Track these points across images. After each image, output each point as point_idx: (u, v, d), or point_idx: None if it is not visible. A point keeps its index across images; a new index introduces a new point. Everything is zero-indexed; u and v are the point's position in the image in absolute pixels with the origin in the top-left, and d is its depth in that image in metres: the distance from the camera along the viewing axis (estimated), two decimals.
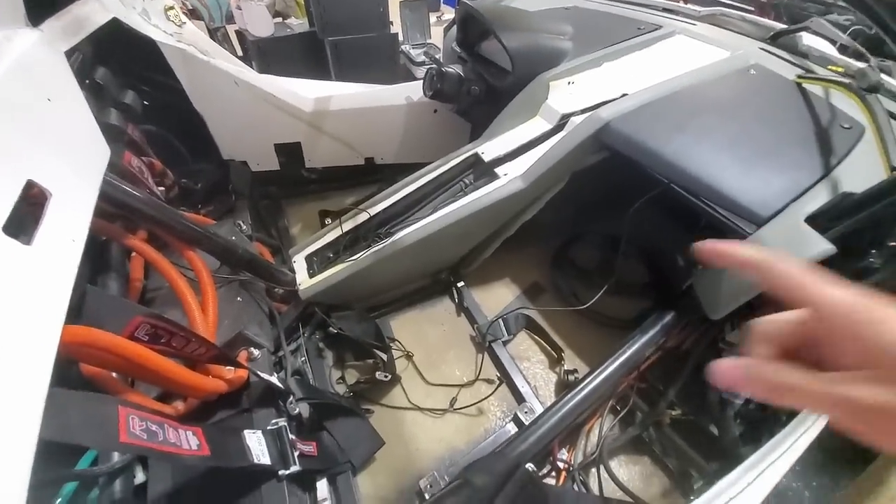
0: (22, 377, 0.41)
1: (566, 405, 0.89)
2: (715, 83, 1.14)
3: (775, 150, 0.94)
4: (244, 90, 1.41)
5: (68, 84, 0.74)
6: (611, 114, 1.09)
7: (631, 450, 1.07)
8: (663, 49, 1.37)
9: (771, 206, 0.84)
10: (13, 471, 0.35)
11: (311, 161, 1.67)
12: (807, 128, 0.96)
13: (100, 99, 1.04)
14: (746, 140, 0.98)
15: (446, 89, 1.41)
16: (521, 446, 0.82)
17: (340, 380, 1.17)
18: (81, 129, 0.72)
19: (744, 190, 0.88)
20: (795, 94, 1.05)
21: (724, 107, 1.09)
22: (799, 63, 1.17)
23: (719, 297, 0.91)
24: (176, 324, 0.73)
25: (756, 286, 0.85)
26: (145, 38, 1.19)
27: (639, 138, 1.03)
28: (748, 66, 1.17)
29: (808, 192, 0.84)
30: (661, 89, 1.14)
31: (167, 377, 0.71)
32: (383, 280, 1.27)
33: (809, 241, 0.76)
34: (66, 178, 0.62)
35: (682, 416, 1.04)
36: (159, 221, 0.89)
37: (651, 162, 1.00)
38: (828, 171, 0.86)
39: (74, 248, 0.58)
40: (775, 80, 1.11)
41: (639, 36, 1.41)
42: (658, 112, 1.09)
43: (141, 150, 1.17)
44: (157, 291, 1.07)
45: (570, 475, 0.97)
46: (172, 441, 0.61)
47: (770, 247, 0.83)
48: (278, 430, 0.84)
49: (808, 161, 0.89)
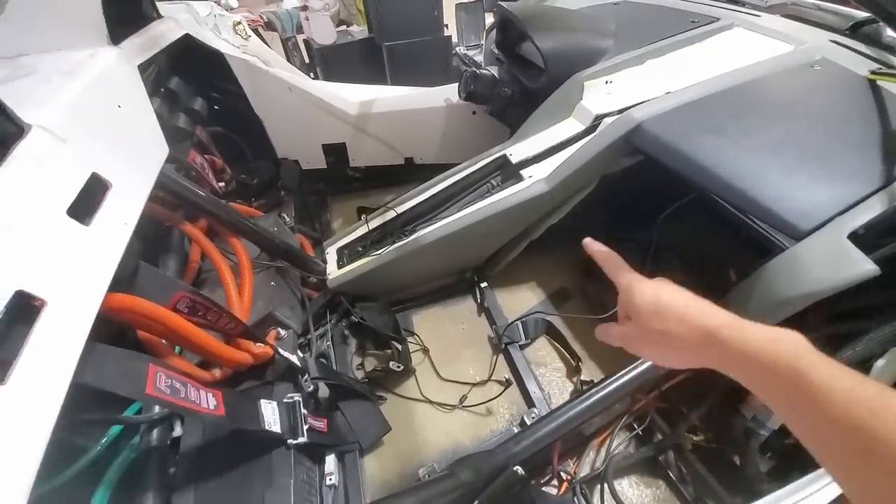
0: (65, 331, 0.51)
1: (566, 413, 0.86)
2: (769, 80, 1.04)
3: (829, 155, 0.84)
4: (297, 95, 1.55)
5: (137, 93, 0.89)
6: (644, 114, 1.03)
7: (646, 471, 1.02)
8: (717, 44, 1.26)
9: (813, 218, 0.75)
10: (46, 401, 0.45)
11: (354, 160, 1.78)
12: (871, 131, 0.84)
13: (172, 104, 1.22)
14: (796, 144, 0.88)
15: (479, 91, 1.42)
16: (513, 448, 0.82)
17: (360, 366, 1.24)
18: (144, 131, 0.85)
19: (783, 200, 0.80)
20: (865, 92, 0.92)
21: (775, 106, 0.98)
22: (878, 57, 1.02)
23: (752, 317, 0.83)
24: (211, 300, 0.84)
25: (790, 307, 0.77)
26: (214, 50, 1.37)
27: (671, 141, 0.96)
28: (813, 61, 1.04)
29: (861, 205, 0.74)
30: (706, 88, 1.06)
31: (199, 345, 0.82)
32: (406, 275, 1.32)
33: (850, 259, 0.68)
34: (126, 171, 0.75)
35: (704, 443, 0.96)
36: (207, 211, 1.02)
37: (684, 167, 0.94)
38: (888, 181, 0.75)
39: (126, 229, 0.69)
40: (843, 76, 0.98)
41: (690, 30, 1.31)
42: (698, 112, 1.01)
43: (206, 149, 1.34)
44: (210, 273, 1.22)
45: (571, 487, 0.94)
46: (193, 399, 0.71)
47: (808, 264, 0.74)
48: (293, 403, 0.93)
49: (865, 168, 0.78)
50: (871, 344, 0.73)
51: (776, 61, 1.08)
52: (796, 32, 1.18)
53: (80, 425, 0.76)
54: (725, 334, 0.39)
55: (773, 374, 0.34)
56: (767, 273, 0.81)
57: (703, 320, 0.41)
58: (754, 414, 0.83)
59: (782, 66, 1.05)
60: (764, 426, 0.82)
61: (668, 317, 0.43)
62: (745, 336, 0.38)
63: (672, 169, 0.96)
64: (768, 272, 0.81)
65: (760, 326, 0.39)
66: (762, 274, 0.81)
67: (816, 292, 0.71)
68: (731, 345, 0.38)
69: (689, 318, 0.42)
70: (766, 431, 0.82)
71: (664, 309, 0.44)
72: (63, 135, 0.67)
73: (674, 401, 1.04)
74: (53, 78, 0.73)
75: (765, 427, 0.82)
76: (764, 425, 0.82)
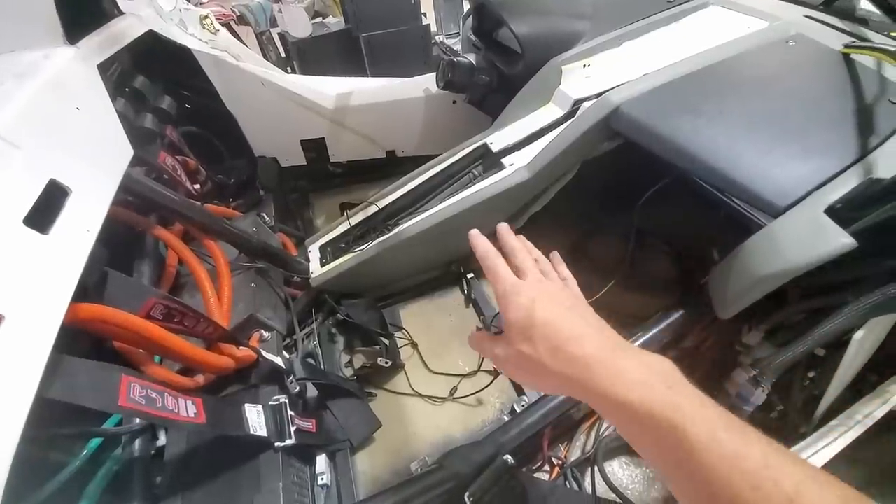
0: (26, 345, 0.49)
1: (551, 401, 0.87)
2: (744, 58, 1.03)
3: (805, 131, 0.84)
4: (271, 90, 1.50)
5: (97, 94, 0.85)
6: (622, 97, 1.02)
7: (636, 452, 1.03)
8: (693, 23, 1.25)
9: (790, 194, 0.76)
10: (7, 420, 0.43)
11: (335, 155, 1.75)
12: (846, 105, 0.84)
13: (139, 105, 1.17)
14: (772, 121, 0.88)
15: (457, 79, 1.40)
16: (501, 437, 0.82)
17: (349, 363, 1.23)
18: (105, 133, 0.82)
19: (761, 177, 0.80)
20: (839, 67, 0.92)
21: (751, 84, 0.98)
22: (853, 31, 1.02)
23: (728, 296, 0.84)
24: (186, 305, 0.82)
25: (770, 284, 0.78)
26: (181, 46, 1.32)
27: (649, 123, 0.96)
28: (787, 37, 1.04)
29: (838, 179, 0.74)
30: (682, 68, 1.05)
31: (177, 352, 0.80)
32: (391, 270, 1.31)
33: (827, 234, 0.68)
34: (87, 176, 0.72)
35: None
36: (180, 213, 0.99)
37: (662, 148, 0.94)
38: (864, 154, 0.75)
39: (88, 236, 0.67)
40: (817, 51, 0.98)
41: (667, 9, 1.30)
42: (675, 93, 1.00)
43: (178, 150, 1.30)
44: (189, 277, 1.19)
45: (562, 471, 0.95)
46: (170, 408, 0.69)
47: (786, 240, 0.74)
48: (279, 405, 0.91)
49: (841, 143, 0.78)
50: (849, 317, 0.74)
51: (751, 38, 1.07)
52: (771, 9, 1.18)
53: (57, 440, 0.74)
54: (595, 372, 0.34)
55: (648, 428, 0.31)
56: (747, 251, 0.81)
57: (573, 349, 0.36)
58: (738, 391, 0.84)
59: (758, 44, 1.05)
60: (748, 402, 0.83)
61: (537, 338, 0.37)
62: (617, 377, 0.33)
63: (651, 151, 0.96)
64: (747, 250, 0.81)
65: (633, 360, 0.34)
66: (742, 252, 0.82)
67: (795, 268, 0.71)
68: (601, 386, 0.34)
69: (560, 344, 0.36)
70: (750, 407, 0.83)
71: (535, 329, 0.38)
72: (16, 140, 0.64)
73: None
74: (5, 81, 0.69)
75: (749, 403, 0.83)
76: (748, 401, 0.83)
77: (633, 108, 1.00)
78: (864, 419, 0.81)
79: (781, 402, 0.90)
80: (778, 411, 0.92)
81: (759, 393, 0.83)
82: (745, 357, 0.89)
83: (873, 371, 0.90)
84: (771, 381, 0.82)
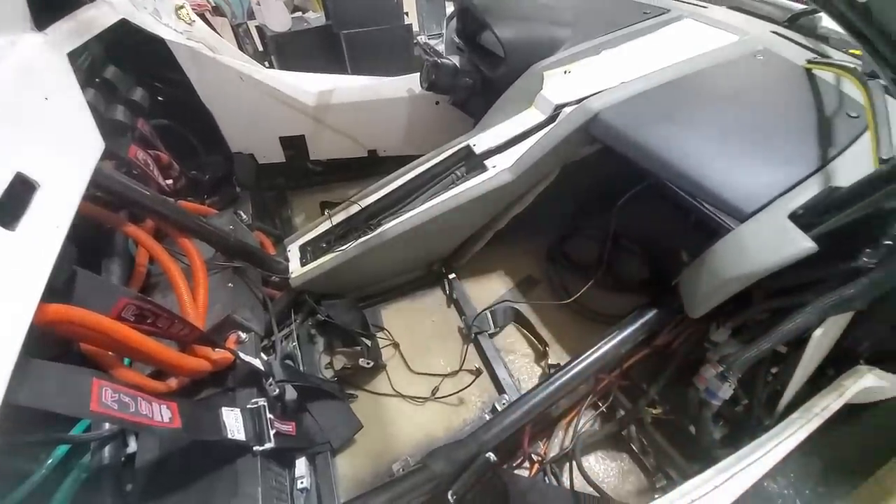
0: None
1: (531, 399, 0.89)
2: (716, 70, 1.08)
3: (770, 141, 0.89)
4: (249, 85, 1.47)
5: (67, 83, 0.81)
6: (601, 104, 1.06)
7: (611, 446, 1.06)
8: (668, 34, 1.31)
9: (755, 200, 0.80)
10: None
11: (315, 153, 1.72)
12: (808, 117, 0.90)
13: (109, 96, 1.12)
14: (740, 131, 0.93)
15: (441, 80, 1.41)
16: (483, 436, 0.83)
17: (329, 365, 1.21)
18: (76, 125, 0.78)
19: (728, 184, 0.84)
20: (802, 81, 0.99)
21: (721, 95, 1.03)
22: (814, 47, 1.09)
23: (698, 296, 0.88)
24: (160, 306, 0.79)
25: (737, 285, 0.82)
26: (155, 36, 1.27)
27: (626, 130, 0.99)
28: (755, 52, 1.10)
29: (800, 186, 0.79)
30: (658, 77, 1.10)
31: (149, 354, 0.77)
32: (373, 270, 1.30)
33: (791, 238, 0.72)
34: (56, 170, 0.68)
35: (663, 416, 1.01)
36: (153, 210, 0.95)
37: (638, 155, 0.97)
38: (824, 164, 0.80)
39: (58, 233, 0.63)
40: (783, 65, 1.04)
41: (643, 21, 1.35)
42: (650, 102, 1.05)
43: (149, 144, 1.25)
44: (160, 276, 1.14)
45: (542, 467, 0.97)
46: (144, 413, 0.67)
47: (752, 244, 0.79)
48: (257, 409, 0.89)
49: (803, 153, 0.84)
50: (809, 316, 0.79)
51: (722, 52, 1.13)
52: (741, 24, 1.24)
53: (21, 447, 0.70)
54: None
55: None
56: (715, 253, 0.85)
57: None
58: (706, 386, 0.88)
59: (728, 57, 1.11)
60: (716, 396, 0.87)
61: None
62: None
63: (627, 157, 0.99)
64: (716, 252, 0.85)
65: None
66: (710, 254, 0.86)
67: (761, 270, 0.76)
68: None
69: None
70: (718, 401, 0.87)
71: None
72: None
73: (634, 378, 1.09)
74: None
75: (716, 397, 0.87)
76: (716, 395, 0.87)
77: (611, 116, 1.03)
78: (822, 412, 0.87)
79: (747, 396, 0.95)
80: (743, 405, 0.97)
81: (726, 387, 0.87)
82: (713, 354, 0.94)
83: (830, 366, 0.96)
84: (737, 376, 0.86)
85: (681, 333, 1.08)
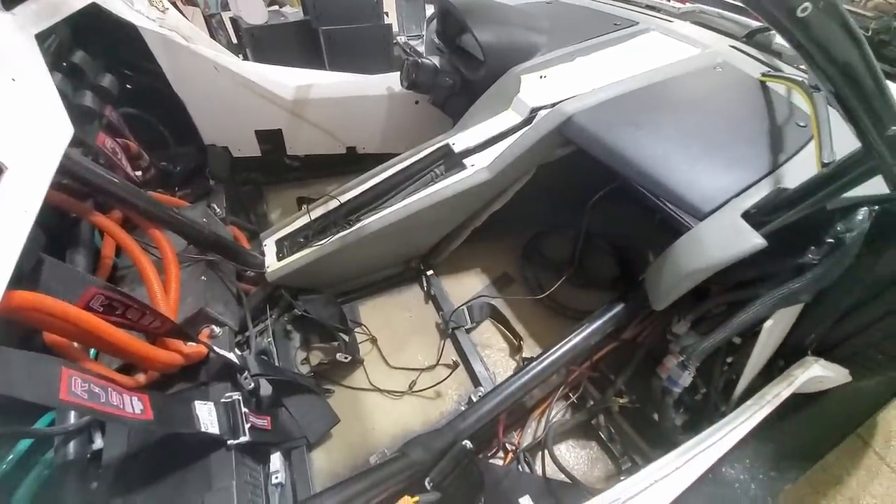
0: None
1: (506, 389, 0.92)
2: (679, 80, 1.16)
3: (727, 146, 0.96)
4: (224, 76, 1.44)
5: (35, 65, 0.78)
6: (574, 108, 1.11)
7: (580, 435, 1.11)
8: (636, 45, 1.38)
9: (713, 200, 0.86)
10: None
11: (292, 148, 1.70)
12: (762, 125, 0.98)
13: (76, 81, 1.08)
14: (700, 136, 1.00)
15: (421, 80, 1.43)
16: (460, 425, 0.85)
17: (305, 360, 1.21)
18: (44, 108, 0.75)
19: (689, 185, 0.90)
20: (757, 92, 1.07)
21: (684, 103, 1.10)
22: (769, 62, 1.18)
23: (662, 290, 0.94)
24: (131, 297, 0.77)
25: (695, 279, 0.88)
26: (126, 22, 1.23)
27: (597, 133, 1.04)
28: (715, 64, 1.18)
29: (752, 188, 0.86)
30: (627, 85, 1.16)
31: (119, 346, 0.75)
32: (351, 265, 1.30)
33: (743, 235, 0.79)
34: (24, 153, 0.66)
35: (629, 404, 1.07)
36: (123, 200, 0.93)
37: (607, 157, 1.03)
38: (775, 168, 0.88)
39: (26, 217, 0.61)
40: (739, 77, 1.13)
41: (614, 31, 1.42)
42: (618, 107, 1.10)
43: (118, 133, 1.21)
44: (128, 269, 1.10)
45: (516, 456, 1.00)
46: (115, 403, 0.65)
47: (708, 240, 0.85)
48: (231, 403, 0.88)
49: (757, 157, 0.91)
50: (761, 308, 0.86)
51: (685, 63, 1.20)
52: (702, 38, 1.33)
53: None
54: None
55: None
56: (676, 249, 0.91)
57: None
58: (668, 374, 0.94)
59: (690, 68, 1.18)
60: (676, 384, 0.94)
61: None
62: None
63: (598, 158, 1.05)
64: (677, 249, 0.91)
65: None
66: (672, 251, 0.92)
67: (717, 264, 0.82)
68: None
69: None
70: (679, 388, 0.93)
71: None
72: None
73: (603, 370, 1.14)
74: None
75: (677, 385, 0.93)
76: (676, 383, 0.93)
77: (583, 119, 1.08)
78: (774, 399, 0.94)
79: (704, 385, 1.02)
80: (702, 393, 1.03)
81: (685, 376, 0.93)
82: (674, 345, 1.00)
83: (781, 358, 1.04)
84: (696, 364, 0.92)
85: (646, 327, 1.14)
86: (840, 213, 0.80)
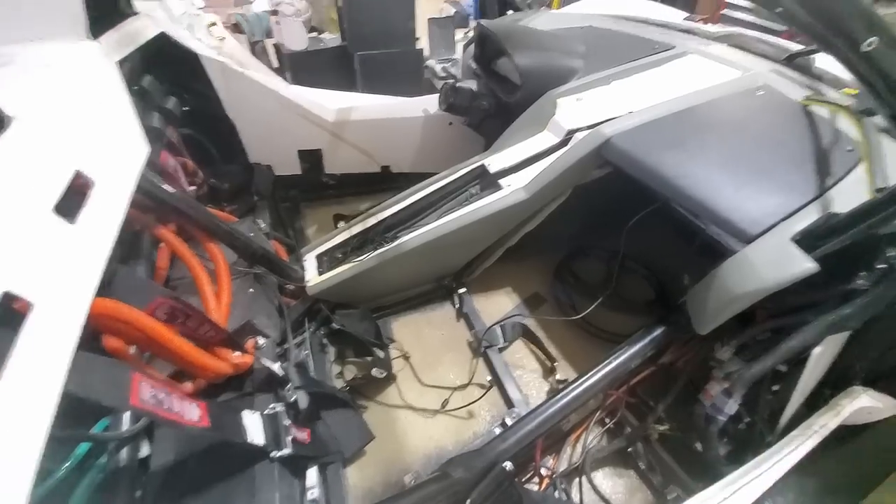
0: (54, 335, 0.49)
1: (546, 410, 0.91)
2: (721, 102, 1.16)
3: (772, 169, 0.95)
4: (273, 99, 1.53)
5: (118, 90, 0.85)
6: (613, 130, 1.12)
7: (618, 462, 1.08)
8: (674, 68, 1.39)
9: (760, 224, 0.85)
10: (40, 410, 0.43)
11: (330, 167, 1.77)
12: (807, 149, 0.96)
13: (145, 103, 1.17)
14: (744, 159, 0.99)
15: (458, 103, 1.48)
16: (501, 446, 0.85)
17: (339, 374, 1.22)
18: (126, 130, 0.82)
19: (734, 208, 0.89)
20: (800, 116, 1.06)
21: (726, 126, 1.10)
22: (811, 85, 1.17)
23: (707, 313, 0.92)
24: (192, 307, 0.82)
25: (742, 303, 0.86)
26: (189, 50, 1.33)
27: (637, 155, 1.05)
28: (756, 87, 1.18)
29: (800, 212, 0.85)
30: (666, 107, 1.17)
31: (179, 354, 0.79)
32: (387, 281, 1.33)
33: (794, 259, 0.77)
34: (109, 170, 0.72)
35: (669, 432, 1.04)
36: (186, 215, 0.99)
37: (648, 178, 1.03)
38: (822, 192, 0.86)
39: (111, 229, 0.67)
40: (782, 101, 1.12)
41: (651, 55, 1.44)
42: (660, 129, 1.11)
43: (177, 151, 1.29)
44: (179, 280, 1.16)
45: (552, 482, 0.98)
46: (177, 410, 0.68)
47: (757, 264, 0.84)
48: (275, 414, 0.90)
49: (803, 181, 0.90)
50: (809, 335, 0.84)
51: (726, 86, 1.21)
52: (741, 61, 1.33)
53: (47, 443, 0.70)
54: None
55: None
56: (721, 273, 0.90)
57: None
58: (713, 402, 0.92)
59: (731, 91, 1.18)
60: (721, 412, 0.91)
61: None
62: None
63: (638, 180, 1.05)
64: (722, 272, 0.90)
65: None
66: (717, 274, 0.91)
67: (767, 287, 0.80)
68: None
69: None
70: (724, 416, 0.90)
71: None
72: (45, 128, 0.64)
73: (641, 395, 1.12)
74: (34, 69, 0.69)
75: (722, 413, 0.90)
76: (721, 411, 0.90)
77: (623, 141, 1.09)
78: (821, 429, 0.90)
79: (749, 414, 0.98)
80: (745, 422, 1.00)
81: (731, 403, 0.90)
82: (718, 371, 0.97)
83: (827, 387, 1.00)
84: (742, 391, 0.90)
85: (686, 352, 1.11)
86: (891, 238, 0.78)
